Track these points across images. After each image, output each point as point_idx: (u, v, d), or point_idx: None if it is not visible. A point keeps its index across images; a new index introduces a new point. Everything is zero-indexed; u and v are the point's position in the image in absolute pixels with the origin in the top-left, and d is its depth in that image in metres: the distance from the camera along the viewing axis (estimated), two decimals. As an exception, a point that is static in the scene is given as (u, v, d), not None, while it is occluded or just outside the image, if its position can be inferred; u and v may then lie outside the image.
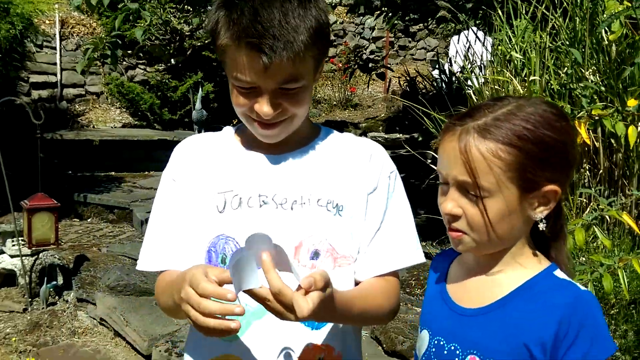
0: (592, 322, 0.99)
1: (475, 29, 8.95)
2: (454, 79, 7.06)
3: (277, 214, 1.15)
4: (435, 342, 1.11)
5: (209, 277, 0.97)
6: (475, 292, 1.09)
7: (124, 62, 7.92)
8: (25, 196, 3.76)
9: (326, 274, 0.98)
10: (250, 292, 0.97)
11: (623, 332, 2.53)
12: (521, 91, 3.24)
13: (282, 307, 0.95)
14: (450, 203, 1.03)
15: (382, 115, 9.32)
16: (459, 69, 7.37)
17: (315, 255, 1.16)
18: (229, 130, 1.28)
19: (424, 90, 7.71)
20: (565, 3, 3.45)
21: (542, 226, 1.04)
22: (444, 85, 7.12)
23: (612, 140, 3.20)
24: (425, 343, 1.13)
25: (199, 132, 5.88)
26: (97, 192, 6.02)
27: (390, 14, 5.16)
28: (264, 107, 1.11)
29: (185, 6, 3.84)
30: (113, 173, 6.97)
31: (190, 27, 5.84)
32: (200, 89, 5.87)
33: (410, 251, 1.22)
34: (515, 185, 1.00)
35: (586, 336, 0.98)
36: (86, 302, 3.79)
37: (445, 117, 3.71)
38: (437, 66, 9.06)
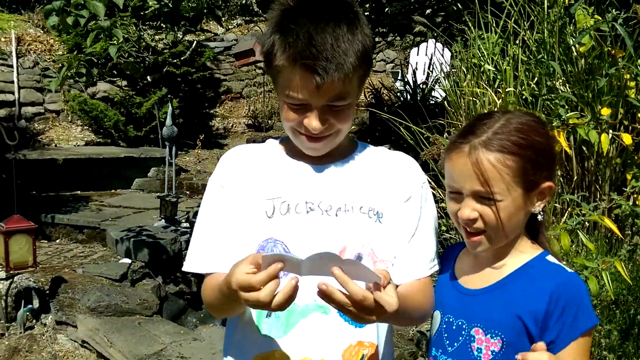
0: (577, 300, 1.18)
1: (433, 41, 9.21)
2: (418, 90, 7.20)
3: (323, 220, 1.25)
4: (446, 319, 1.29)
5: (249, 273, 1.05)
6: (479, 276, 1.28)
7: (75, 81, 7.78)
8: (-5, 218, 3.66)
9: (386, 271, 1.07)
10: (331, 300, 1.04)
11: (607, 332, 2.63)
12: (497, 102, 3.35)
13: (363, 312, 1.03)
14: (467, 209, 1.20)
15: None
16: (423, 81, 7.54)
17: (359, 258, 1.23)
18: (272, 142, 1.38)
19: (389, 102, 7.83)
20: (532, 17, 3.59)
21: (540, 217, 1.25)
22: (408, 96, 7.25)
23: (584, 148, 3.33)
24: (437, 322, 1.31)
25: (170, 148, 5.82)
26: (64, 212, 5.89)
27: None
28: (312, 122, 1.21)
29: (159, 23, 3.81)
30: (79, 192, 6.83)
31: (164, 44, 5.79)
32: (170, 105, 5.82)
33: (432, 260, 1.33)
34: (520, 187, 1.19)
35: (572, 310, 1.16)
36: (66, 325, 3.71)
37: (424, 129, 3.79)
38: (399, 78, 9.24)
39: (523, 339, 1.18)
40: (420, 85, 7.33)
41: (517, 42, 3.60)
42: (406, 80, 7.56)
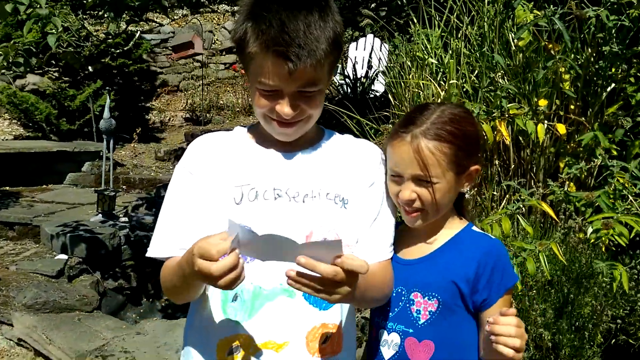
0: (502, 262, 1.35)
1: (372, 36, 9.34)
2: (358, 84, 7.30)
3: (291, 206, 1.27)
4: None
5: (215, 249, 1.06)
6: (416, 248, 1.42)
7: (12, 71, 7.44)
8: None
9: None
10: (301, 284, 1.06)
11: (542, 310, 2.75)
12: (440, 93, 3.44)
13: (337, 287, 1.06)
14: (407, 191, 1.34)
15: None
16: (363, 75, 7.64)
17: None
18: (241, 130, 1.40)
19: (329, 95, 7.88)
20: (473, 12, 3.71)
21: (467, 195, 1.47)
22: (349, 89, 7.34)
23: (521, 138, 3.47)
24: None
25: (107, 141, 5.65)
26: (-7, 208, 5.61)
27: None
28: (284, 108, 1.23)
29: (102, 12, 3.69)
30: (8, 188, 6.53)
31: (105, 34, 5.60)
32: (108, 97, 5.65)
33: (391, 245, 1.38)
34: (453, 171, 1.34)
35: (498, 271, 1.33)
36: (0, 323, 3.54)
37: (369, 121, 3.85)
38: (339, 71, 9.32)
39: (456, 299, 1.33)
40: (361, 79, 7.43)
41: (460, 36, 3.71)
42: (346, 74, 7.64)
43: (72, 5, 4.36)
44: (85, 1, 3.84)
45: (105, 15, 3.65)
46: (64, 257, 4.44)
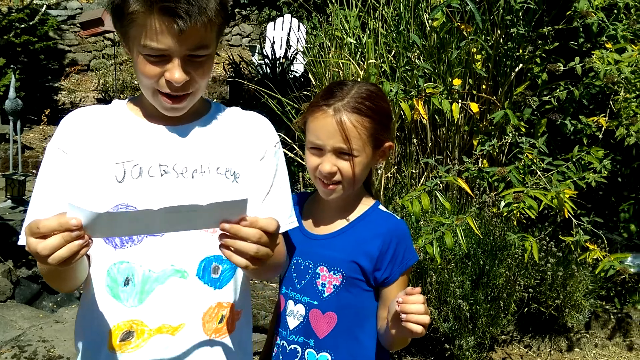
0: (405, 240, 1.40)
1: (289, 16, 9.31)
2: (277, 64, 7.26)
3: (179, 183, 1.19)
4: (295, 261, 1.44)
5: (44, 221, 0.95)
6: (325, 223, 1.44)
7: None
8: None
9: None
10: (235, 250, 1.00)
11: (460, 282, 2.89)
12: (360, 73, 3.49)
13: (263, 246, 1.01)
14: (328, 164, 1.35)
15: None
16: (282, 55, 7.62)
17: None
18: (120, 103, 1.29)
19: (249, 76, 7.80)
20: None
21: (380, 171, 1.49)
22: (268, 70, 7.29)
23: (437, 116, 3.60)
24: (287, 264, 1.44)
25: (14, 123, 5.35)
26: None
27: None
28: (175, 74, 1.13)
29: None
30: None
31: (10, 8, 5.25)
32: (13, 76, 5.32)
33: (292, 216, 1.35)
34: (371, 145, 1.37)
35: (401, 248, 1.39)
36: None
37: (290, 100, 3.85)
38: (257, 52, 9.23)
39: (359, 275, 1.38)
40: (280, 59, 7.39)
41: (377, 16, 3.77)
42: (265, 54, 7.58)
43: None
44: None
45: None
46: (-29, 246, 4.19)
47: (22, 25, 4.53)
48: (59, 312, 3.62)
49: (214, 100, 1.36)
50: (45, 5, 5.01)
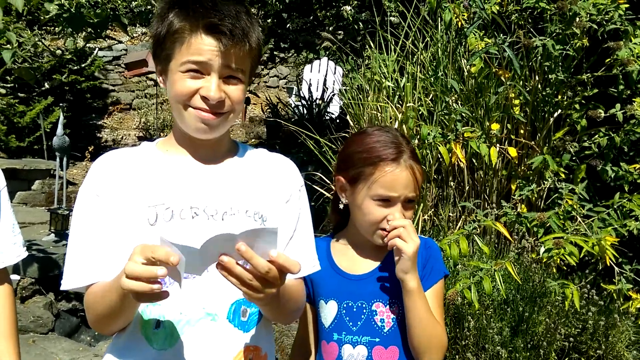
0: (436, 254, 1.49)
1: (326, 59, 9.50)
2: (314, 106, 7.40)
3: (209, 225, 1.21)
4: (345, 305, 1.46)
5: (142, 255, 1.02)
6: (364, 262, 1.49)
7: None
8: None
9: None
10: (231, 273, 1.03)
11: (499, 329, 2.85)
12: (398, 116, 3.54)
13: (266, 285, 1.05)
14: (399, 214, 1.43)
15: (241, 140, 9.39)
16: (318, 97, 7.76)
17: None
18: (149, 145, 1.32)
19: (285, 117, 7.95)
20: (427, 37, 3.86)
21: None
22: (305, 111, 7.42)
23: (474, 160, 3.61)
24: (334, 310, 1.47)
25: (61, 159, 5.54)
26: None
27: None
28: (212, 89, 1.17)
29: (60, 28, 3.66)
30: (-48, 206, 6.28)
31: (64, 50, 5.51)
32: (61, 113, 5.54)
33: (314, 259, 1.37)
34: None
35: (434, 260, 1.47)
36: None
37: (328, 141, 3.92)
38: (294, 93, 9.42)
39: None
40: (317, 101, 7.53)
41: (414, 61, 3.84)
42: (302, 95, 7.73)
43: (28, 20, 4.29)
44: (41, 17, 3.79)
45: (64, 32, 3.61)
46: (16, 277, 4.30)
47: (74, 67, 4.73)
48: (98, 346, 3.67)
49: (251, 141, 1.41)
50: (97, 49, 5.24)
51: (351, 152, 1.50)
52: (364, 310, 1.44)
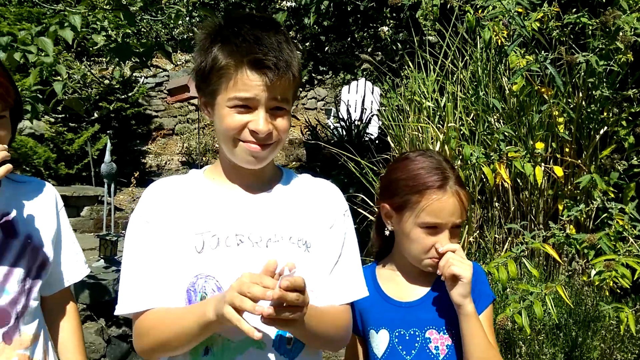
0: (483, 278, 1.49)
1: (364, 79, 9.52)
2: (353, 127, 7.42)
3: (254, 252, 1.23)
4: (396, 333, 1.45)
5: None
6: (412, 289, 1.48)
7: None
8: None
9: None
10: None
11: (552, 355, 2.78)
12: (440, 136, 3.52)
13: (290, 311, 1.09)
14: (447, 240, 1.42)
15: (281, 163, 9.50)
16: (357, 118, 7.78)
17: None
18: (196, 173, 1.35)
19: (325, 139, 8.00)
20: (466, 56, 3.84)
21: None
22: (344, 132, 7.45)
23: (519, 180, 3.55)
24: (386, 339, 1.46)
25: (109, 185, 5.68)
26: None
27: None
28: (260, 123, 1.20)
29: (108, 58, 3.78)
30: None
31: (111, 79, 5.70)
32: (108, 141, 5.70)
33: (361, 284, 1.36)
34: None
35: (482, 284, 1.47)
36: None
37: (370, 163, 3.92)
38: (332, 115, 9.47)
39: None
40: (355, 122, 7.55)
41: (454, 80, 3.82)
42: (340, 117, 7.76)
43: (77, 52, 4.45)
44: (90, 48, 3.92)
45: (111, 62, 3.72)
46: (67, 304, 4.42)
47: (121, 96, 4.88)
48: (147, 372, 3.71)
49: (291, 164, 1.43)
50: (143, 77, 5.38)
51: (395, 179, 1.50)
52: (417, 338, 1.43)
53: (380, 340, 1.47)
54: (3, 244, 1.44)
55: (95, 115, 5.48)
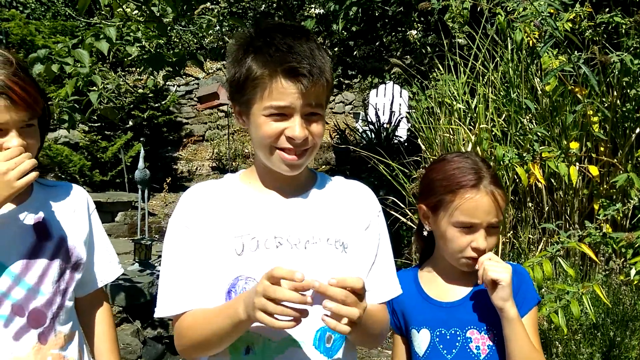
0: (527, 280, 1.49)
1: (392, 83, 9.52)
2: (382, 130, 7.42)
3: (293, 254, 1.26)
4: (437, 333, 1.47)
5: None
6: (453, 290, 1.50)
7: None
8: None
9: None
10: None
11: (589, 355, 2.75)
12: (471, 138, 3.52)
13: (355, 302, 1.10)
14: (484, 242, 1.43)
15: (312, 167, 9.48)
16: (386, 121, 7.79)
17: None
18: (232, 177, 1.38)
19: (353, 142, 8.01)
20: (497, 58, 3.83)
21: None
22: (373, 135, 7.45)
23: (553, 180, 3.53)
24: (427, 338, 1.48)
25: (142, 191, 5.80)
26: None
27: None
28: (297, 130, 1.22)
29: (142, 69, 3.87)
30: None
31: (144, 87, 5.83)
32: (142, 148, 5.83)
33: (396, 283, 1.39)
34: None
35: (526, 286, 1.47)
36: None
37: (400, 165, 3.94)
38: (361, 118, 9.48)
39: None
40: (384, 125, 7.55)
41: (485, 81, 3.82)
42: (369, 120, 7.78)
43: (112, 63, 4.57)
44: (125, 59, 4.01)
45: (145, 71, 3.81)
46: (104, 307, 4.51)
47: (155, 105, 4.98)
48: (184, 373, 3.77)
49: (320, 168, 1.44)
50: (175, 85, 5.50)
51: (431, 179, 1.53)
52: (458, 338, 1.45)
53: (421, 340, 1.49)
54: (37, 246, 1.46)
55: (130, 123, 5.60)
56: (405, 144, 6.72)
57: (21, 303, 1.43)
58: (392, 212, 3.85)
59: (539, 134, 3.29)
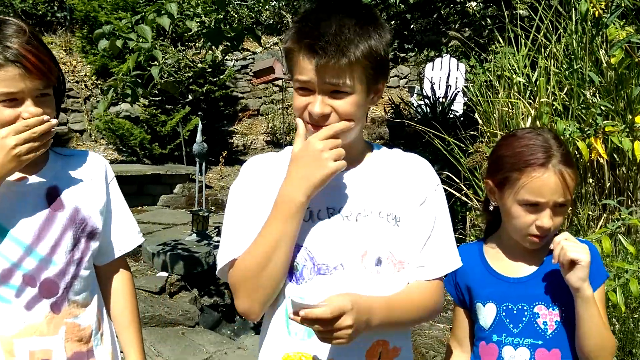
0: (596, 256, 1.45)
1: (448, 56, 9.34)
2: (437, 104, 7.32)
3: (344, 226, 1.28)
4: (504, 307, 1.47)
5: None
6: (520, 266, 1.49)
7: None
8: None
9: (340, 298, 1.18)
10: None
11: (649, 333, 2.69)
12: (531, 112, 3.44)
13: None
14: (548, 219, 1.42)
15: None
16: (442, 95, 7.68)
17: (379, 262, 1.28)
18: (290, 150, 1.37)
19: (408, 117, 7.94)
20: (560, 29, 3.71)
21: None
22: (428, 110, 7.37)
23: (615, 155, 3.42)
24: (493, 312, 1.48)
25: (200, 164, 5.94)
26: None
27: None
28: (315, 106, 1.23)
29: (201, 43, 3.94)
30: (107, 209, 6.93)
31: (203, 62, 5.94)
32: (200, 123, 5.96)
33: (453, 257, 1.37)
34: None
35: (596, 263, 1.42)
36: (112, 336, 3.80)
37: (456, 140, 3.89)
38: (416, 92, 9.38)
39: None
40: (440, 99, 7.45)
41: (547, 54, 3.71)
42: (425, 94, 7.68)
43: (172, 38, 4.65)
44: (184, 34, 4.08)
45: (204, 46, 3.87)
46: (165, 274, 4.69)
47: (213, 79, 5.06)
48: (240, 339, 3.92)
49: (376, 142, 1.43)
50: (233, 60, 5.57)
51: (499, 155, 1.52)
52: (525, 313, 1.45)
53: (487, 313, 1.49)
54: (50, 216, 1.45)
55: (190, 97, 5.70)
56: (462, 118, 6.61)
57: (32, 273, 1.42)
58: (447, 188, 3.82)
59: (602, 107, 3.19)
